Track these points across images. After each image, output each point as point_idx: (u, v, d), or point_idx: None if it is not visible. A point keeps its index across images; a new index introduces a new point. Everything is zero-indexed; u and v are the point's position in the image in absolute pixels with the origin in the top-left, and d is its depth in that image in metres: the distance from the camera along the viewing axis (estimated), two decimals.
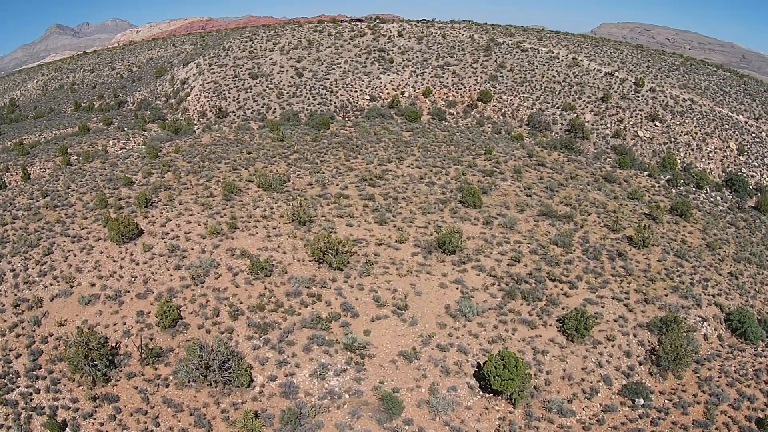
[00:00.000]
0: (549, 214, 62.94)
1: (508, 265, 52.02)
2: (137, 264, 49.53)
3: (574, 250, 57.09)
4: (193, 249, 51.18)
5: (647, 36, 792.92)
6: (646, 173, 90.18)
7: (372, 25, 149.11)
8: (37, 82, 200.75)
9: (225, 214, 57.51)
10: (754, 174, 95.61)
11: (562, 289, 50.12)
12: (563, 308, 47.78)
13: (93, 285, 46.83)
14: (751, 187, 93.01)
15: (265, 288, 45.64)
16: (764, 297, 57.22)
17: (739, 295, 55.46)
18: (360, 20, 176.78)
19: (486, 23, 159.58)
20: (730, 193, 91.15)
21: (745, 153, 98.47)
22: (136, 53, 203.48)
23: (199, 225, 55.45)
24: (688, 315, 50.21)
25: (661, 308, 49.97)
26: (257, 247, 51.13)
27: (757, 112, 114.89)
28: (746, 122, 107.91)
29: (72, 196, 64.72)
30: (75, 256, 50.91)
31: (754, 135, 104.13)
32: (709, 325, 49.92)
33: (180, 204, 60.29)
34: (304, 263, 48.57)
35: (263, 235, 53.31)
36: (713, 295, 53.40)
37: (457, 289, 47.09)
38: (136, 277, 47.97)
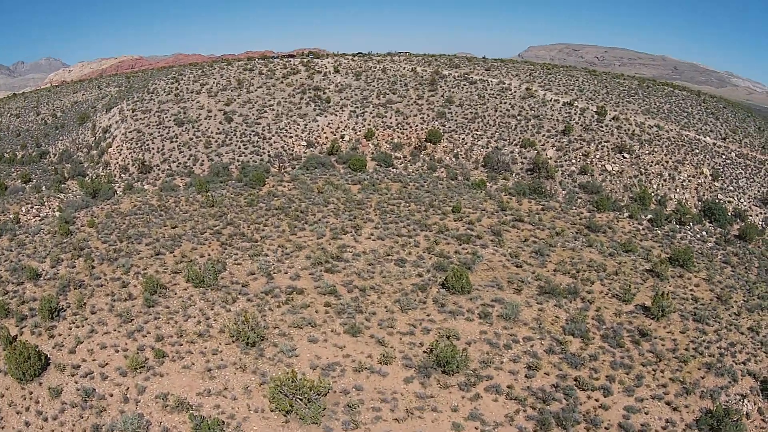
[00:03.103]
0: (551, 292, 53.48)
1: (526, 377, 41.75)
2: (45, 420, 36.92)
3: (593, 338, 47.99)
4: (112, 395, 38.60)
5: (576, 56, 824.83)
6: (626, 215, 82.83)
7: (305, 60, 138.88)
8: None
9: (149, 332, 44.92)
10: (731, 199, 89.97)
11: (597, 400, 40.75)
12: (606, 428, 38.33)
13: None
14: (730, 214, 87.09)
15: None
16: None
17: (765, 354, 49.79)
18: (292, 56, 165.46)
19: (426, 54, 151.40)
20: (711, 224, 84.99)
21: (720, 178, 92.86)
22: (61, 96, 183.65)
23: (117, 351, 42.73)
24: (728, 396, 43.88)
25: (702, 396, 42.96)
26: (196, 389, 38.75)
27: (722, 131, 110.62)
28: (714, 144, 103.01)
29: None
30: None
31: (724, 157, 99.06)
32: (748, 401, 44.06)
33: (92, 313, 47.59)
34: (264, 416, 36.38)
35: (201, 366, 40.90)
36: (743, 362, 47.82)
37: (476, 429, 36.11)
38: None
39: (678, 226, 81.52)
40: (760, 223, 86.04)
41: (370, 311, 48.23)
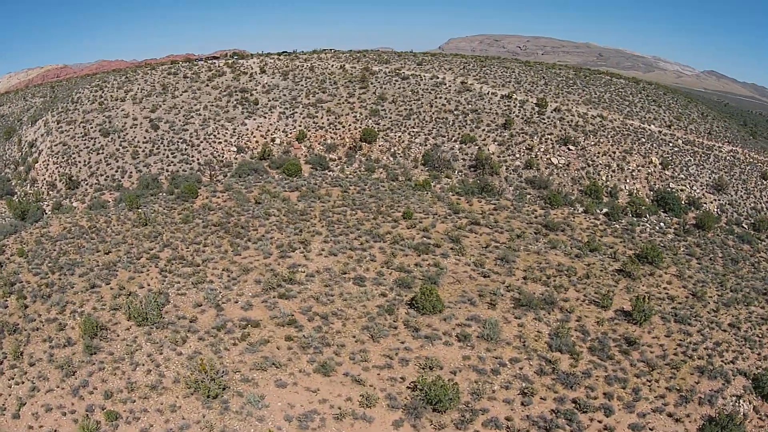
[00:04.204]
0: (528, 304, 51.47)
1: (522, 404, 39.36)
2: None
3: (581, 352, 46.47)
4: None
5: (497, 46, 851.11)
6: (581, 210, 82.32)
7: (230, 62, 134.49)
8: None
9: (95, 387, 39.73)
10: (684, 187, 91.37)
11: (600, 421, 39.22)
12: None
13: None
14: (683, 202, 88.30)
15: None
16: None
17: (749, 349, 50.62)
18: (216, 57, 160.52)
19: (352, 50, 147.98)
20: (666, 214, 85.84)
21: (670, 166, 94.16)
22: None
23: (65, 414, 37.53)
24: (725, 399, 43.94)
25: (701, 403, 42.85)
26: None
27: (666, 119, 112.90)
28: (660, 132, 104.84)
29: None
30: None
31: (671, 145, 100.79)
32: (744, 401, 44.42)
33: (31, 364, 42.17)
34: None
35: (161, 429, 36.09)
36: (732, 361, 48.35)
37: None
38: None
39: (635, 219, 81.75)
40: (715, 210, 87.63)
41: (338, 343, 44.44)
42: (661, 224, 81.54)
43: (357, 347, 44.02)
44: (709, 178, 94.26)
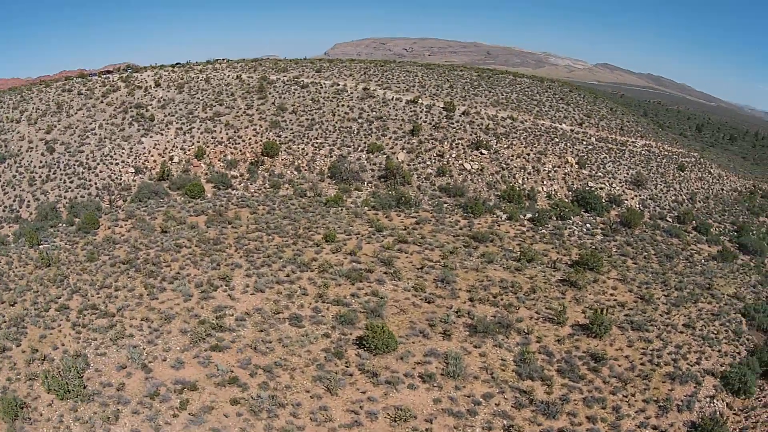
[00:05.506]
0: (484, 330, 49.42)
1: None
2: None
3: (551, 376, 45.45)
4: None
5: (383, 49, 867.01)
6: (505, 217, 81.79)
7: (125, 76, 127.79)
8: None
9: None
10: (603, 185, 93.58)
11: None
12: None
13: None
14: (604, 201, 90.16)
15: None
16: (725, 336, 55.38)
17: (709, 348, 52.76)
18: (110, 72, 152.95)
19: (246, 59, 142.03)
20: (589, 213, 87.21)
21: (586, 165, 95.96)
22: None
23: None
24: (701, 402, 45.26)
25: (680, 410, 43.79)
26: None
27: (577, 117, 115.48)
28: (572, 130, 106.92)
29: None
30: None
31: (585, 143, 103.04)
32: (717, 400, 46.14)
33: None
34: None
35: None
36: (696, 362, 50.13)
37: None
38: None
39: (560, 222, 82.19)
40: (638, 206, 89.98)
41: (293, 401, 40.24)
42: (587, 225, 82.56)
43: (315, 404, 40.04)
44: (627, 174, 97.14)
